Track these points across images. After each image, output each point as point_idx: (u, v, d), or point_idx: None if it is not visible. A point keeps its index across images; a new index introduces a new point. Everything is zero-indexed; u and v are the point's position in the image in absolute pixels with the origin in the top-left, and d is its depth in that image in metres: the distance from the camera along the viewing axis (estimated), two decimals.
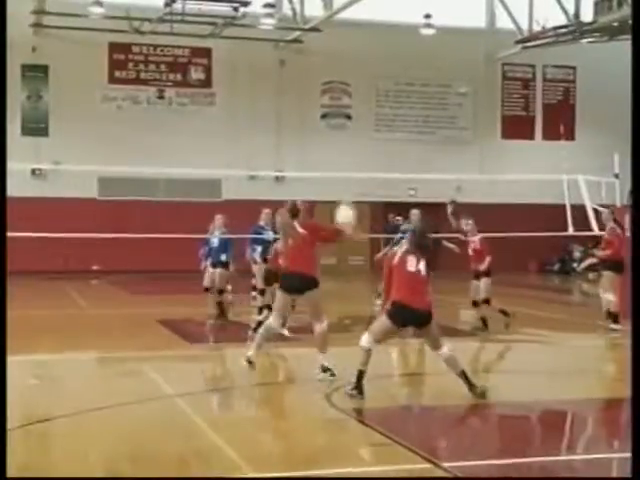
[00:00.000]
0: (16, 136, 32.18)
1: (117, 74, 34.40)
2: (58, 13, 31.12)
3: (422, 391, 12.88)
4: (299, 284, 12.88)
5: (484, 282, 17.46)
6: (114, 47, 34.08)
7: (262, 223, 19.86)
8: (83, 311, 22.03)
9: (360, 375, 11.20)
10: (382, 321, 11.48)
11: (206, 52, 34.96)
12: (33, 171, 29.97)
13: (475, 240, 17.53)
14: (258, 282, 18.89)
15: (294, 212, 13.58)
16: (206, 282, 19.82)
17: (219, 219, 20.34)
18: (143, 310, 19.57)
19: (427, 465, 8.32)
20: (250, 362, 13.21)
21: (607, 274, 18.54)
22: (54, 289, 20.25)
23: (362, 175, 29.31)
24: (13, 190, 20.19)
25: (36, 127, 33.01)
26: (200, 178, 31.23)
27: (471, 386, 11.13)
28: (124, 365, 14.48)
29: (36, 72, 33.09)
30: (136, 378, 13.29)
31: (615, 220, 18.74)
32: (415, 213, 19.02)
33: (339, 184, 30.18)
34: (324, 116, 36.47)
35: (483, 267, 17.37)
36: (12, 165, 23.83)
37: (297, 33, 34.01)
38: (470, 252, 17.62)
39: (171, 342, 17.22)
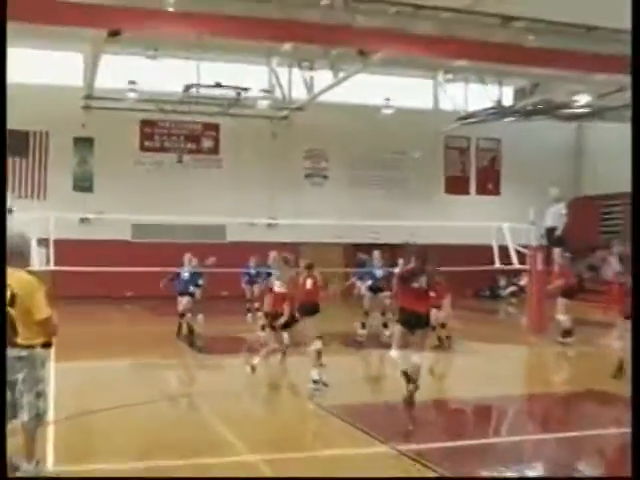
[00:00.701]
0: (68, 192, 32.34)
1: (146, 144, 34.45)
2: (102, 97, 31.28)
3: (384, 391, 12.91)
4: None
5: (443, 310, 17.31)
6: (144, 123, 34.15)
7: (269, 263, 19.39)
8: (119, 327, 22.03)
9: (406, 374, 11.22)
10: (395, 330, 11.60)
11: (215, 127, 35.07)
12: (81, 220, 29.93)
13: None
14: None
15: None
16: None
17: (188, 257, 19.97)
18: (165, 328, 19.51)
19: (386, 448, 8.39)
20: (253, 369, 13.32)
21: (561, 300, 18.23)
22: (98, 311, 20.30)
23: (337, 222, 29.43)
24: (64, 234, 20.38)
25: (84, 185, 32.99)
26: (209, 224, 31.29)
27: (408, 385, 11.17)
28: (149, 370, 14.50)
29: (84, 143, 33.08)
30: (159, 380, 13.32)
31: (562, 257, 18.75)
32: (376, 253, 19.00)
33: (319, 229, 30.40)
34: (307, 176, 36.57)
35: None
36: (65, 215, 24.12)
37: (286, 111, 34.18)
38: None
39: (185, 353, 17.25)
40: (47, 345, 7.34)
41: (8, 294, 7.02)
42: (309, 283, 13.75)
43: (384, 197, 36.23)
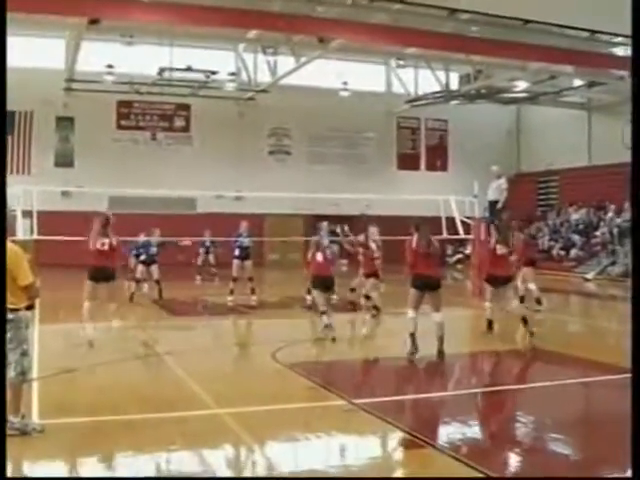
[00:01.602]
0: (50, 167, 32.06)
1: (123, 123, 34.20)
2: (82, 80, 30.96)
3: (338, 350, 12.96)
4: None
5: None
6: (121, 104, 33.87)
7: (241, 231, 19.45)
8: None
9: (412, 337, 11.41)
10: (410, 293, 11.66)
11: (186, 107, 34.86)
12: (63, 193, 29.68)
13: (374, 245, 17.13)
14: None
15: None
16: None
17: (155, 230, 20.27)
18: (141, 292, 19.49)
19: (342, 402, 8.46)
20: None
21: (528, 270, 17.83)
22: (77, 278, 20.08)
23: (298, 195, 29.41)
24: (48, 206, 20.19)
25: (65, 161, 32.77)
26: (181, 197, 31.15)
27: (440, 350, 11.34)
28: (126, 332, 14.45)
29: (66, 122, 32.84)
30: (135, 341, 13.28)
31: (520, 230, 18.73)
32: (324, 224, 18.60)
33: (282, 201, 30.36)
34: (271, 152, 36.51)
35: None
36: (48, 188, 23.85)
37: (251, 93, 34.05)
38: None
39: (161, 315, 17.22)
40: (30, 308, 7.32)
41: None
42: (320, 256, 13.76)
43: (342, 172, 36.27)
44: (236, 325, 16.09)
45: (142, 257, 19.92)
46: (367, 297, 16.74)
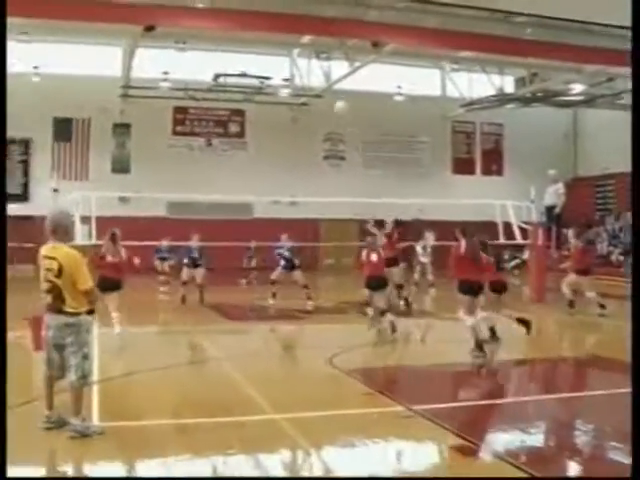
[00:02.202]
0: (108, 173, 32.50)
1: (178, 128, 34.51)
2: (138, 87, 31.28)
3: (395, 356, 12.91)
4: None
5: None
6: (177, 110, 34.19)
7: (282, 243, 19.74)
8: (153, 296, 22.08)
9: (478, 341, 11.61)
10: (461, 299, 11.73)
11: (241, 112, 35.06)
12: (120, 198, 30.03)
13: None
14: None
15: None
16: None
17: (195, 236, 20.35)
18: (196, 296, 19.58)
19: (400, 408, 8.40)
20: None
21: (582, 278, 17.58)
22: (136, 282, 20.29)
23: (353, 200, 29.34)
24: (105, 211, 20.43)
25: (122, 167, 33.14)
26: (237, 202, 31.22)
27: (493, 335, 11.99)
28: (182, 336, 14.57)
29: (122, 128, 33.19)
30: (190, 345, 13.38)
31: (577, 236, 18.47)
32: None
33: (337, 206, 30.31)
34: (325, 157, 36.51)
35: None
36: (105, 193, 24.17)
37: (305, 98, 34.09)
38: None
39: (216, 320, 17.30)
40: (90, 312, 7.43)
41: (56, 266, 7.12)
42: (374, 257, 13.95)
43: (396, 177, 36.13)
44: (291, 330, 16.10)
45: (185, 261, 20.07)
46: (406, 300, 16.83)
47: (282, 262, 19.31)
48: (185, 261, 20.05)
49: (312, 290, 19.53)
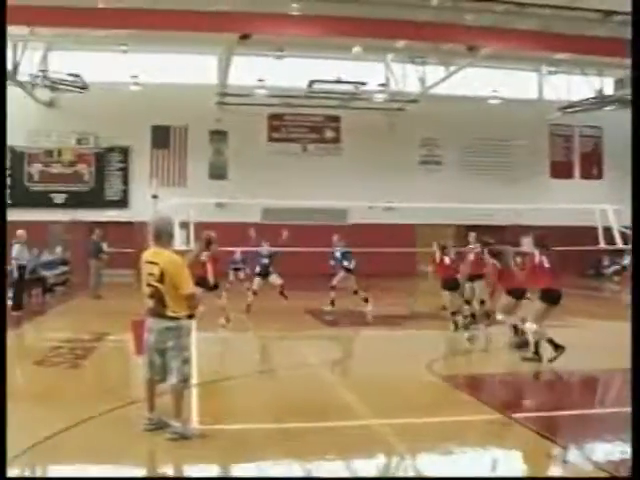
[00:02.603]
0: (205, 179, 33.02)
1: (274, 135, 34.80)
2: (234, 94, 31.67)
3: (491, 363, 12.77)
4: None
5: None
6: (272, 116, 34.50)
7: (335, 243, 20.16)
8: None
9: (536, 345, 11.70)
10: (538, 307, 11.62)
11: (336, 118, 35.13)
12: (217, 204, 30.44)
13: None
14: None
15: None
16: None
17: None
18: (294, 303, 19.65)
19: (498, 415, 8.31)
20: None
21: None
22: (230, 287, 20.67)
23: (450, 205, 29.07)
24: (203, 217, 20.75)
25: (219, 173, 33.59)
26: (332, 207, 31.35)
27: (552, 344, 11.58)
28: (278, 341, 14.69)
29: (219, 135, 33.67)
30: (287, 350, 13.48)
31: None
32: (472, 235, 18.20)
33: (433, 211, 30.10)
34: (422, 163, 36.31)
35: None
36: (203, 200, 24.54)
37: (401, 103, 33.97)
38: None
39: (312, 325, 17.36)
40: (191, 317, 7.59)
41: (157, 271, 7.28)
42: (447, 259, 15.12)
43: (493, 181, 35.68)
44: (388, 335, 16.05)
45: (257, 269, 19.78)
46: (482, 302, 16.57)
47: (334, 263, 19.61)
48: (257, 270, 19.77)
49: (410, 294, 19.45)
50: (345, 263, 19.69)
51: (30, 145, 32.23)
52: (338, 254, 19.80)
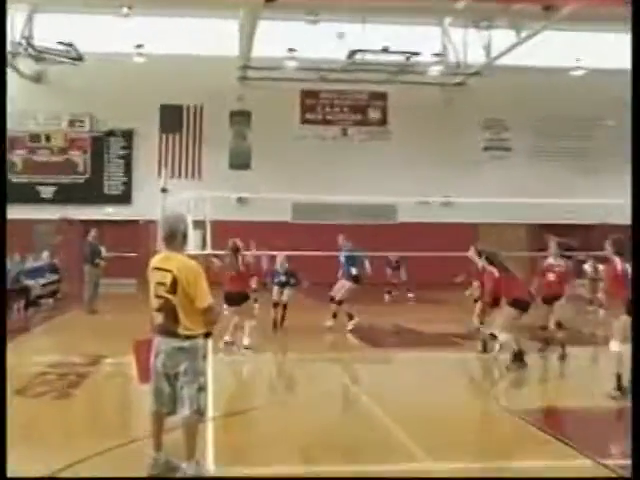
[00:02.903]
0: (224, 170, 32.90)
1: (307, 116, 34.88)
2: (259, 67, 31.71)
3: (568, 394, 12.59)
4: None
5: None
6: (305, 94, 34.59)
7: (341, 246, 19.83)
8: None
9: None
10: (625, 321, 11.48)
11: (382, 95, 35.14)
12: (239, 199, 30.50)
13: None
14: None
15: None
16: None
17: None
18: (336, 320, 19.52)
19: (586, 461, 8.14)
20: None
21: None
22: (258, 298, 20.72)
23: (520, 200, 28.83)
24: (221, 214, 20.75)
25: (241, 162, 33.46)
26: (378, 203, 31.32)
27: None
28: (312, 364, 14.62)
29: (241, 117, 33.53)
30: (324, 375, 13.41)
31: None
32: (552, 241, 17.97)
33: (499, 208, 29.92)
34: (486, 148, 36.14)
35: None
36: (222, 194, 24.52)
37: (461, 77, 33.86)
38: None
39: (354, 345, 17.29)
40: (208, 335, 7.52)
41: (169, 280, 7.20)
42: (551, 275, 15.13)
43: (573, 170, 35.36)
44: (444, 358, 15.92)
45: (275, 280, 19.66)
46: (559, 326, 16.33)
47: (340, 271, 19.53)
48: (275, 280, 19.64)
49: (467, 308, 19.26)
50: (352, 270, 19.39)
51: (12, 128, 32.36)
52: (342, 258, 19.51)
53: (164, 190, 17.73)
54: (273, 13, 28.01)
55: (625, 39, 34.93)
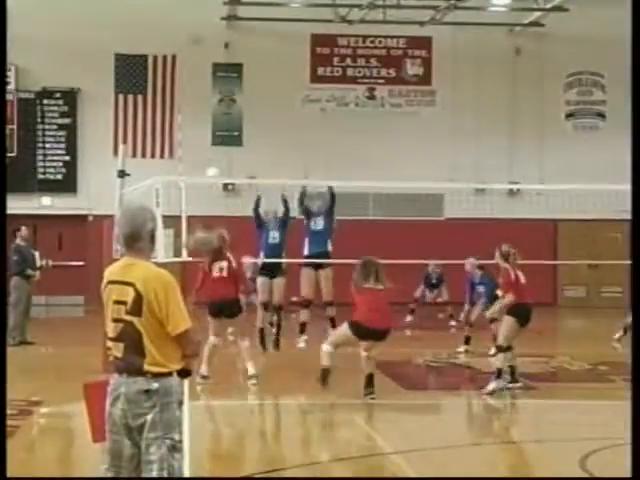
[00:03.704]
0: (206, 146, 32.99)
1: (320, 71, 34.84)
2: (253, 2, 31.75)
3: None
4: None
5: None
6: (317, 40, 34.55)
7: None
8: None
9: None
10: None
11: (425, 42, 35.11)
12: (226, 187, 30.53)
13: None
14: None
15: None
16: None
17: None
18: (355, 350, 19.55)
19: None
20: None
21: None
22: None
23: (617, 187, 28.69)
24: (202, 207, 20.83)
25: (228, 136, 33.62)
26: (418, 193, 31.26)
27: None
28: (326, 413, 14.70)
29: (229, 72, 33.69)
30: (347, 430, 13.47)
31: None
32: None
33: (586, 198, 29.82)
34: (570, 115, 36.09)
35: None
36: (202, 179, 24.57)
37: (536, 14, 33.80)
38: None
39: (380, 386, 17.31)
40: (185, 373, 7.44)
41: (131, 297, 7.16)
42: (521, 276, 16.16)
43: None
44: (512, 406, 16.01)
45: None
46: None
47: None
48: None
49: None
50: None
51: None
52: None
53: (122, 174, 17.80)
54: None
55: None
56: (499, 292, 17.26)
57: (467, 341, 20.82)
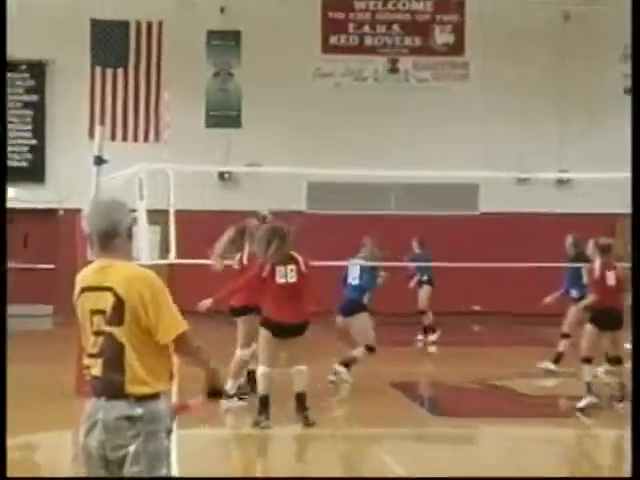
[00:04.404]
0: (198, 129, 33.05)
1: (333, 40, 34.86)
2: None
3: None
4: None
5: None
6: (329, 2, 34.58)
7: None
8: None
9: None
10: None
11: (457, 6, 35.14)
12: (221, 175, 30.58)
13: None
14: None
15: None
16: None
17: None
18: (369, 368, 19.53)
19: None
20: None
21: None
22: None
23: None
24: (194, 200, 20.82)
25: (225, 115, 33.69)
26: (448, 182, 31.23)
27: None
28: (350, 444, 14.70)
29: (225, 40, 33.72)
30: (365, 462, 13.48)
31: None
32: None
33: None
34: (629, 90, 36.05)
35: None
36: (194, 166, 24.62)
37: None
38: None
39: (409, 413, 17.31)
40: (214, 393, 7.29)
41: (110, 303, 7.02)
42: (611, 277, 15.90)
43: None
44: (554, 437, 15.99)
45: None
46: None
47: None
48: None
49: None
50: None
51: None
52: (356, 271, 19.68)
53: (99, 161, 17.74)
54: None
55: None
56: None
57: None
